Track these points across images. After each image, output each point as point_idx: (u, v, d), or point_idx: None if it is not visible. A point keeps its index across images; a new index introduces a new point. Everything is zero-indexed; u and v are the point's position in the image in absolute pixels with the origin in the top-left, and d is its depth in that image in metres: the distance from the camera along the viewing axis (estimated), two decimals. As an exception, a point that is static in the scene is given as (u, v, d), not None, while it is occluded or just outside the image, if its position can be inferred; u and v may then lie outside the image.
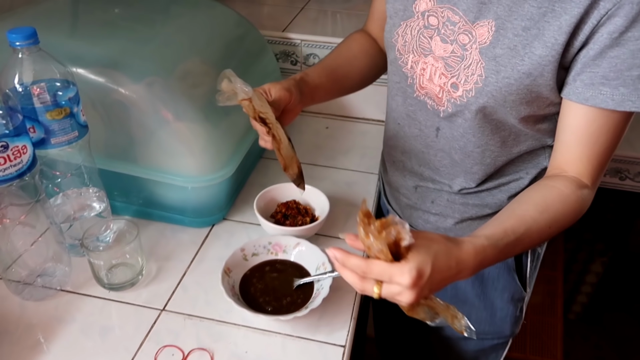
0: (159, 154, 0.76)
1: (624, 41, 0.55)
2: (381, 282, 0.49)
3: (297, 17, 1.22)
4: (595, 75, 0.58)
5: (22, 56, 0.60)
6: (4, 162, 0.57)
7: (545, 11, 0.57)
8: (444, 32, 0.65)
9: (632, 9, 0.53)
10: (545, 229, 0.60)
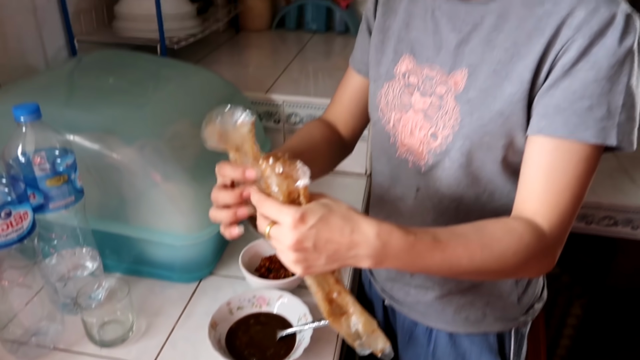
0: (149, 214, 0.81)
1: (575, 72, 0.57)
2: (274, 223, 0.51)
3: (280, 78, 1.30)
4: (549, 105, 0.59)
5: (26, 129, 0.66)
6: (7, 227, 0.61)
7: (512, 54, 0.61)
8: (423, 87, 0.69)
9: (583, 43, 0.56)
10: (476, 250, 0.56)
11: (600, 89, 0.57)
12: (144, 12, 1.22)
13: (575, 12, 0.57)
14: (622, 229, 1.19)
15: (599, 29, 0.56)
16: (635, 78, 0.58)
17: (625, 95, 0.57)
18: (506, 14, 0.62)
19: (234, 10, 1.62)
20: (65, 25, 1.17)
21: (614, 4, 0.56)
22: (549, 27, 0.58)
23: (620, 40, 0.56)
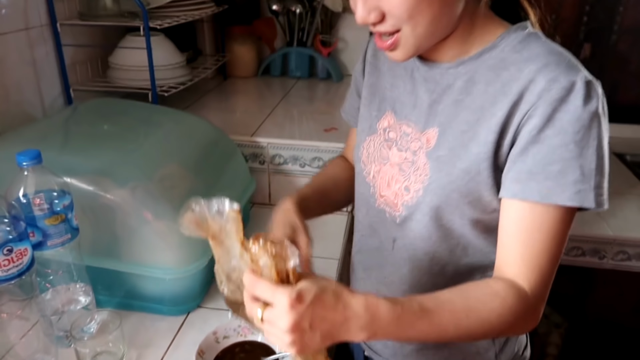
0: (141, 250, 0.86)
1: (542, 138, 0.59)
2: (266, 306, 0.51)
3: (265, 122, 1.38)
4: (521, 171, 0.61)
5: (27, 173, 0.72)
6: (8, 263, 0.66)
7: (479, 116, 0.64)
8: (400, 142, 0.72)
9: (546, 110, 0.59)
10: (462, 316, 0.58)
11: (569, 153, 0.58)
12: (136, 63, 1.31)
13: (536, 79, 0.60)
14: (590, 259, 1.26)
15: (560, 97, 0.58)
16: (605, 141, 0.59)
17: (597, 158, 0.58)
18: (475, 78, 0.66)
19: (222, 59, 1.72)
20: (62, 76, 1.25)
21: (573, 73, 0.58)
22: (513, 91, 0.61)
23: (583, 105, 0.57)
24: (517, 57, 0.63)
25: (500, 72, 0.63)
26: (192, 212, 0.58)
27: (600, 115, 0.59)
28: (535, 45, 0.63)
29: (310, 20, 1.76)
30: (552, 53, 0.61)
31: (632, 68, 1.80)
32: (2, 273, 0.66)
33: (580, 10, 1.75)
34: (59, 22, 1.20)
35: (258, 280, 0.52)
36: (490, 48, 0.66)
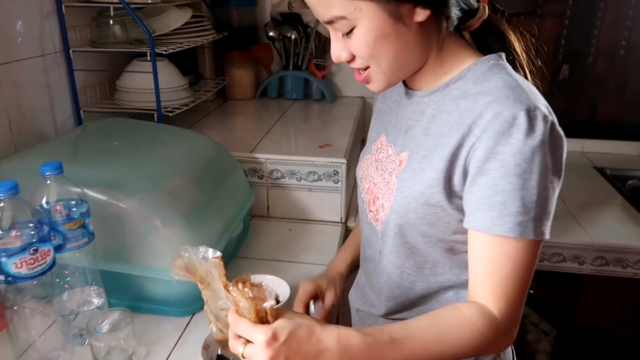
0: (149, 254, 0.93)
1: (486, 170, 0.62)
2: (247, 343, 0.57)
3: (263, 139, 1.47)
4: (472, 202, 0.64)
5: (50, 182, 0.80)
6: (34, 262, 0.74)
7: (437, 144, 0.68)
8: (383, 163, 0.77)
9: (489, 142, 0.61)
10: (432, 343, 0.61)
11: (511, 185, 0.60)
12: (142, 85, 1.40)
13: (484, 112, 0.62)
14: (571, 265, 1.33)
15: (502, 130, 0.60)
16: (548, 173, 0.61)
17: (539, 190, 0.60)
18: (442, 107, 0.70)
19: (222, 82, 1.81)
20: (73, 98, 1.34)
21: (517, 106, 0.60)
22: (466, 123, 0.64)
23: (525, 138, 0.59)
24: (476, 89, 0.66)
25: (460, 102, 0.67)
26: (181, 258, 0.65)
27: (544, 148, 0.60)
28: (493, 77, 0.66)
29: (304, 45, 1.87)
30: (505, 87, 0.63)
31: (609, 87, 1.91)
32: (28, 271, 0.73)
33: (558, 34, 1.86)
34: (72, 49, 1.29)
35: (239, 320, 0.58)
36: (456, 79, 0.69)
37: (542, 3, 1.82)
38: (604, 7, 1.80)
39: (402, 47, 0.66)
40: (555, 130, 0.61)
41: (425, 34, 0.67)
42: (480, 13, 0.69)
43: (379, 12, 0.63)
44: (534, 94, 0.64)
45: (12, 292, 0.75)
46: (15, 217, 0.73)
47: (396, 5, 0.62)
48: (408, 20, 0.64)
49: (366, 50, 0.66)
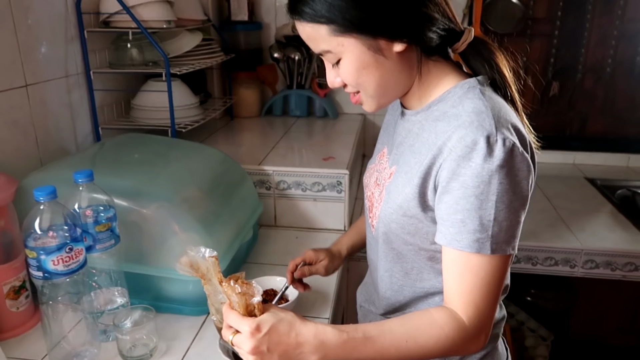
0: (169, 256, 1.01)
1: (450, 189, 0.66)
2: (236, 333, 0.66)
3: (270, 153, 1.55)
4: (438, 217, 0.69)
5: (81, 189, 0.88)
6: (69, 260, 0.81)
7: (416, 161, 0.72)
8: (381, 174, 0.83)
9: (452, 163, 0.66)
10: (402, 342, 0.66)
11: (469, 204, 0.65)
12: (156, 104, 1.49)
13: (452, 136, 0.67)
14: (562, 268, 1.40)
15: (463, 154, 0.65)
16: (506, 195, 0.64)
17: (496, 210, 0.64)
18: (424, 126, 0.74)
19: (229, 101, 1.91)
20: (93, 116, 1.43)
21: (479, 131, 0.64)
22: (437, 144, 0.68)
23: (483, 162, 0.63)
24: (452, 112, 0.70)
25: (439, 123, 0.71)
26: (186, 256, 0.74)
27: (502, 172, 0.64)
28: (467, 102, 0.70)
29: (307, 65, 1.97)
30: (474, 112, 0.67)
31: (597, 102, 2.00)
32: (64, 268, 0.81)
33: (547, 53, 1.96)
34: (92, 71, 1.39)
35: (230, 312, 0.67)
36: (438, 101, 0.74)
37: (531, 24, 1.93)
38: (589, 27, 1.91)
39: (383, 75, 0.72)
40: (515, 155, 0.65)
41: (406, 62, 0.73)
42: (465, 37, 0.74)
43: (359, 46, 0.70)
44: (502, 118, 0.67)
45: (48, 287, 0.83)
46: (53, 220, 0.82)
47: (374, 39, 0.69)
48: (387, 51, 0.70)
49: (351, 78, 0.73)
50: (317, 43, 0.72)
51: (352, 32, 0.69)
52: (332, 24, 0.69)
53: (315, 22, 0.70)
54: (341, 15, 0.68)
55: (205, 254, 0.74)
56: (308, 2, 0.69)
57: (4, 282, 0.93)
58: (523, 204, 0.67)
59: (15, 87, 1.14)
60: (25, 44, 1.16)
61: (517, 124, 0.69)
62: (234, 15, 1.91)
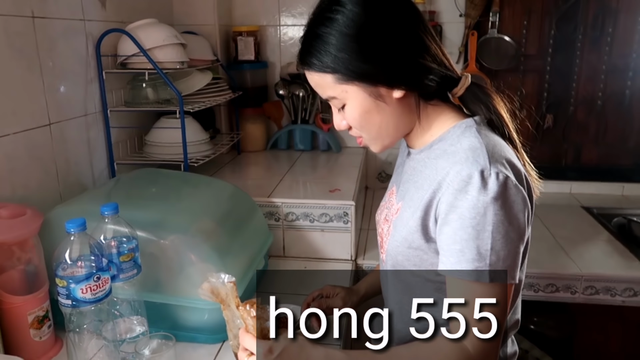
0: (186, 285, 1.05)
1: (448, 221, 0.70)
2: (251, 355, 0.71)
3: (277, 186, 1.61)
4: (440, 248, 0.73)
5: (107, 221, 0.94)
6: (97, 288, 0.86)
7: (419, 197, 0.77)
8: (390, 211, 0.87)
9: (450, 197, 0.70)
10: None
11: (467, 235, 0.68)
12: (169, 140, 1.56)
13: (450, 171, 0.71)
14: (564, 294, 1.44)
15: (459, 187, 0.69)
16: (502, 225, 0.68)
17: (493, 240, 0.68)
18: (427, 164, 0.79)
19: (237, 136, 1.99)
20: (109, 152, 1.50)
21: (474, 166, 0.69)
22: (437, 179, 0.73)
23: (478, 195, 0.68)
24: (450, 150, 0.76)
25: (438, 161, 0.76)
26: (207, 282, 0.79)
27: (497, 204, 0.67)
28: (464, 140, 0.75)
29: (311, 101, 2.05)
30: (468, 149, 0.73)
31: (590, 133, 2.08)
32: (92, 296, 0.86)
33: (540, 87, 2.06)
34: (109, 109, 1.46)
35: (246, 335, 0.72)
36: (438, 140, 0.80)
37: (523, 61, 2.03)
38: (579, 63, 2.01)
39: (385, 119, 0.79)
40: (509, 187, 0.69)
41: (405, 106, 0.79)
42: (463, 82, 0.80)
43: (361, 93, 0.76)
44: (496, 153, 0.72)
45: (75, 315, 0.87)
46: (82, 250, 0.86)
47: (374, 86, 0.76)
48: (387, 97, 0.77)
49: (355, 122, 0.80)
50: (324, 90, 0.79)
51: (354, 80, 0.76)
52: (337, 73, 0.76)
53: (322, 71, 0.77)
54: (344, 66, 0.75)
55: (224, 280, 0.79)
56: (315, 55, 0.76)
57: (29, 311, 0.97)
58: (520, 235, 0.71)
59: (40, 125, 1.21)
60: (50, 85, 1.23)
61: (512, 159, 0.74)
62: (241, 55, 2.00)
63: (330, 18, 0.75)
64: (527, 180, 0.75)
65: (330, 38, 0.75)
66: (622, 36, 1.96)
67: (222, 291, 0.79)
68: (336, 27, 0.74)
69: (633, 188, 2.05)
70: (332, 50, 0.75)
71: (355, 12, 0.74)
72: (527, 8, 1.98)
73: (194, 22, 1.91)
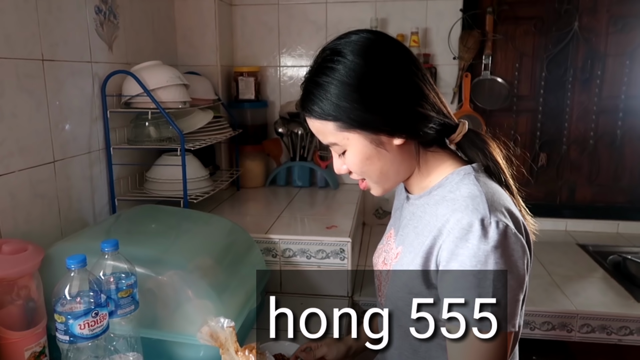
0: (182, 322, 1.06)
1: (449, 269, 0.71)
2: None
3: (275, 223, 1.63)
4: (441, 294, 0.73)
5: (107, 257, 0.96)
6: (94, 324, 0.87)
7: (420, 242, 0.77)
8: (389, 254, 0.88)
9: (451, 244, 0.71)
10: None
11: (468, 283, 0.69)
12: (169, 177, 1.60)
13: (450, 219, 0.72)
14: (560, 332, 1.44)
15: (460, 235, 0.70)
16: (504, 273, 0.69)
17: (494, 288, 0.68)
18: (426, 209, 0.80)
19: (236, 173, 2.02)
20: (110, 189, 1.53)
21: (474, 214, 0.70)
22: (437, 226, 0.74)
23: (479, 243, 0.69)
24: (450, 197, 0.77)
25: (439, 207, 0.77)
26: (207, 326, 0.81)
27: (498, 252, 0.69)
28: (463, 187, 0.77)
29: (310, 139, 2.10)
30: (469, 197, 0.74)
31: (583, 172, 2.12)
32: (89, 332, 0.87)
33: (533, 126, 2.11)
34: (112, 147, 1.50)
35: None
36: (437, 186, 0.81)
37: (516, 101, 2.09)
38: (570, 104, 2.07)
39: (385, 165, 0.81)
40: (509, 236, 0.70)
41: (405, 153, 0.81)
42: (460, 129, 0.82)
43: (362, 140, 0.78)
44: (495, 202, 0.73)
45: (72, 351, 0.88)
46: (81, 286, 0.88)
47: (375, 134, 0.78)
48: (388, 145, 0.79)
49: (356, 168, 0.82)
50: (325, 136, 0.81)
51: (356, 128, 0.78)
52: (338, 121, 0.78)
53: (323, 119, 0.79)
54: (346, 114, 0.77)
55: (224, 325, 0.81)
56: (317, 102, 0.78)
57: (26, 347, 0.97)
58: (520, 283, 0.72)
59: (45, 163, 1.24)
60: (56, 123, 1.28)
61: (510, 207, 0.76)
62: (241, 95, 2.06)
63: (332, 68, 0.77)
64: (524, 227, 0.76)
65: (331, 87, 0.77)
66: (610, 79, 2.03)
67: (221, 335, 0.82)
68: (337, 77, 0.76)
69: (628, 226, 2.07)
70: (333, 99, 0.77)
71: (356, 63, 0.76)
72: (518, 51, 2.06)
73: (197, 63, 1.98)
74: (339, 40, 0.80)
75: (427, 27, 2.04)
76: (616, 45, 2.00)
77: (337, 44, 0.79)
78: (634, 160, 2.07)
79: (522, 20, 2.04)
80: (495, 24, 2.01)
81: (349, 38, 0.79)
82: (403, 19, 2.00)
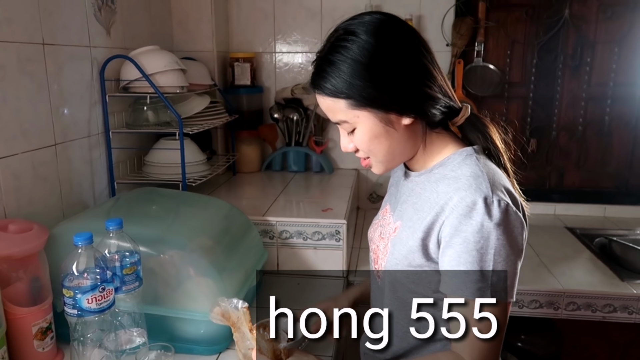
0: (185, 299, 1.10)
1: (452, 244, 0.74)
2: None
3: (272, 206, 1.67)
4: (442, 269, 0.76)
5: (111, 236, 0.99)
6: (101, 299, 0.91)
7: (419, 217, 0.81)
8: (386, 229, 0.91)
9: (454, 221, 0.74)
10: None
11: (471, 258, 0.73)
12: (168, 160, 1.62)
13: (453, 196, 0.76)
14: (547, 310, 1.50)
15: (464, 213, 0.73)
16: (504, 249, 0.73)
17: (494, 263, 0.73)
18: (426, 186, 0.84)
19: (232, 158, 2.05)
20: (109, 172, 1.55)
21: (478, 193, 0.74)
22: (439, 203, 0.77)
23: (482, 220, 0.72)
24: (452, 175, 0.80)
25: (439, 185, 0.81)
26: (218, 307, 0.86)
27: (500, 229, 0.73)
28: (465, 167, 0.80)
29: (305, 125, 2.13)
30: (472, 176, 0.77)
31: (572, 158, 2.17)
32: (96, 306, 0.90)
33: (524, 112, 2.15)
34: (111, 131, 1.53)
35: (260, 357, 0.79)
36: (439, 165, 0.84)
37: (508, 88, 2.12)
38: (560, 90, 2.11)
39: (392, 144, 0.83)
40: (510, 214, 0.75)
41: (412, 133, 0.84)
42: (463, 112, 0.85)
43: (372, 118, 0.80)
44: (496, 182, 0.77)
45: (80, 325, 0.92)
46: (88, 263, 0.91)
47: (385, 113, 0.80)
48: (396, 124, 0.81)
49: (364, 146, 0.84)
50: (335, 114, 0.83)
51: (367, 106, 0.80)
52: (350, 99, 0.80)
53: (335, 96, 0.80)
54: (358, 92, 0.79)
55: (238, 305, 0.86)
56: (330, 80, 0.80)
57: (33, 323, 1.01)
58: (519, 256, 0.77)
59: (47, 145, 1.27)
60: (57, 107, 1.30)
61: (508, 186, 0.80)
62: (237, 80, 2.08)
63: (345, 47, 0.79)
64: (522, 205, 0.80)
65: (344, 65, 0.78)
66: (599, 66, 2.07)
67: (234, 315, 0.86)
68: (351, 55, 0.78)
69: (614, 210, 2.13)
70: (346, 77, 0.78)
71: (370, 42, 0.78)
72: (510, 38, 2.09)
73: (193, 49, 2.00)
74: (352, 20, 0.81)
75: (420, 14, 2.06)
76: (605, 32, 2.04)
77: (350, 24, 0.81)
78: (621, 147, 2.13)
79: (514, 7, 2.07)
80: (488, 11, 2.04)
81: (362, 19, 0.81)
82: (397, 5, 2.03)
